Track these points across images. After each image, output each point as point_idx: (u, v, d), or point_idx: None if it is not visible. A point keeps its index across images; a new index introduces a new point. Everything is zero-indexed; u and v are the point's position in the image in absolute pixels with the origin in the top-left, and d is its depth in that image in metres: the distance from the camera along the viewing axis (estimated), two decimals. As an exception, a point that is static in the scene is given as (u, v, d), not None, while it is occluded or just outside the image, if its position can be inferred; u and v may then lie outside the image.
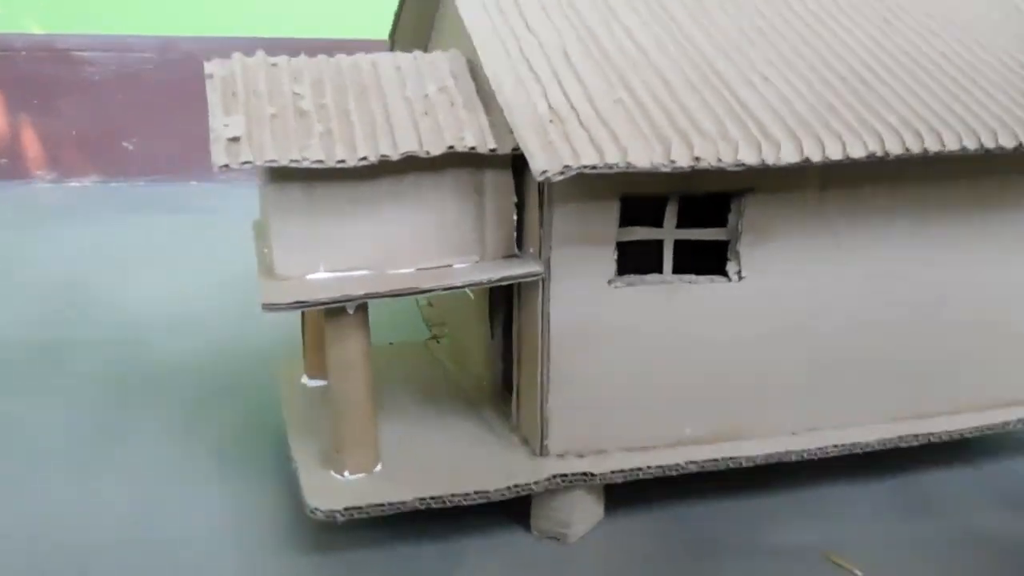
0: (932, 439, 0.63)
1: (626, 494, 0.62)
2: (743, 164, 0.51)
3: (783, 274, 0.59)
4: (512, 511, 0.61)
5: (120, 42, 1.90)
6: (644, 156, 0.50)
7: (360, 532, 0.60)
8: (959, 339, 0.64)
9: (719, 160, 0.51)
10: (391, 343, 0.81)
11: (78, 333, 0.96)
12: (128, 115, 1.90)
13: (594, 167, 0.49)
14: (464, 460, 0.60)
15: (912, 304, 0.62)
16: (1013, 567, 0.57)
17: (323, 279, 0.56)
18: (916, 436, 0.63)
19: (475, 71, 0.59)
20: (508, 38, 0.58)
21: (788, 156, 0.52)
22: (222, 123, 0.53)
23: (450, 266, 0.58)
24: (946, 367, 0.64)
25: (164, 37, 1.91)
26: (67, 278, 1.13)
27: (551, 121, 0.52)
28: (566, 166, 0.49)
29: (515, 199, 0.58)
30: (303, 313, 0.73)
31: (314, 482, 0.57)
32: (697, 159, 0.51)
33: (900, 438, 0.63)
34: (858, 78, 0.58)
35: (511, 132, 0.54)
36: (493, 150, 0.54)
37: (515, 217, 0.58)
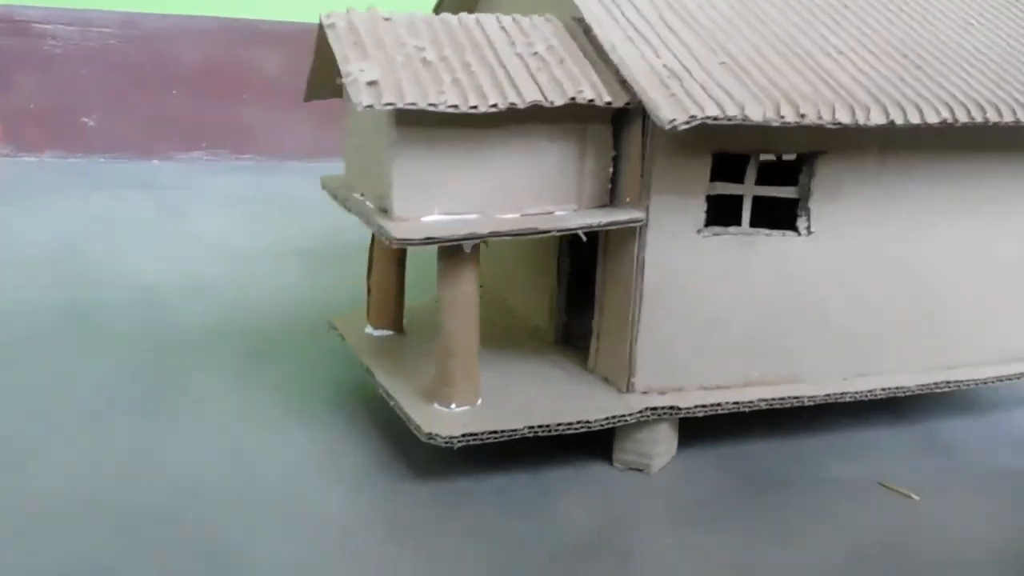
0: (961, 386, 0.70)
1: (696, 433, 0.67)
2: (839, 123, 0.57)
3: (846, 231, 0.65)
4: (593, 448, 0.65)
5: (81, 16, 1.86)
6: (758, 111, 0.55)
7: (456, 464, 0.63)
8: (987, 294, 0.71)
9: (819, 118, 0.56)
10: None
11: (98, 296, 0.95)
12: (89, 91, 1.86)
13: (715, 118, 0.54)
14: (557, 396, 0.63)
15: (952, 260, 0.69)
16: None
17: (440, 220, 0.59)
18: (948, 383, 0.70)
19: (574, 33, 0.63)
20: (609, 4, 0.63)
21: (876, 118, 0.58)
22: (358, 68, 0.55)
23: (551, 212, 0.62)
24: (975, 320, 0.71)
25: (127, 13, 1.87)
26: (64, 246, 1.12)
27: (669, 77, 0.56)
28: (692, 116, 0.54)
29: (613, 152, 0.62)
30: (370, 265, 0.76)
31: (423, 414, 0.60)
32: (803, 115, 0.56)
33: (935, 384, 0.70)
34: (917, 56, 0.65)
35: (623, 88, 0.58)
36: (609, 103, 0.58)
37: (611, 169, 0.63)
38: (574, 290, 0.73)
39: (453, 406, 0.61)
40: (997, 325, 0.72)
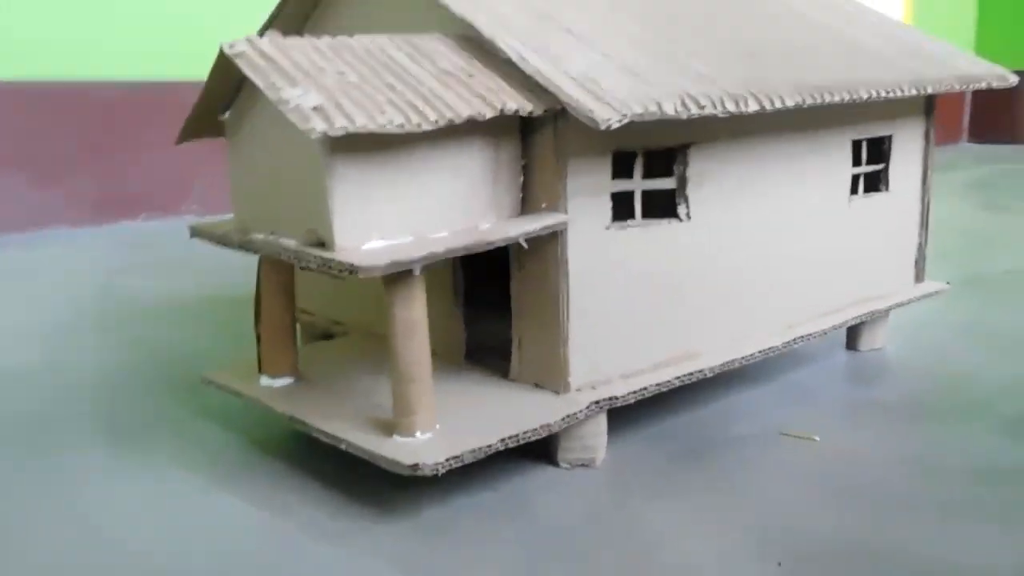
0: (827, 333, 0.80)
1: (616, 420, 0.71)
2: (729, 112, 0.63)
3: (714, 212, 0.72)
4: (529, 455, 0.66)
5: None
6: (670, 107, 0.60)
7: (408, 495, 0.62)
8: (828, 253, 0.82)
9: (715, 108, 0.62)
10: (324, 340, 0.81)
11: None
12: None
13: (640, 115, 0.58)
14: (503, 408, 0.64)
15: (796, 228, 0.79)
16: (886, 413, 0.75)
17: (382, 246, 0.58)
18: (803, 337, 0.80)
19: (468, 49, 0.64)
20: (495, 20, 0.65)
21: (753, 106, 0.65)
22: (296, 94, 0.53)
23: (476, 226, 0.62)
24: (819, 275, 0.82)
25: None
26: None
27: (587, 82, 0.59)
28: (623, 115, 0.57)
29: (523, 161, 0.64)
30: (258, 311, 0.71)
31: (390, 448, 0.58)
32: (702, 107, 0.62)
33: (795, 340, 0.79)
34: (760, 53, 0.73)
35: (536, 97, 0.61)
36: (530, 112, 0.60)
37: (522, 178, 0.65)
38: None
39: (417, 434, 0.59)
40: (834, 278, 0.83)
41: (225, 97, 0.63)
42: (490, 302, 0.74)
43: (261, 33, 0.79)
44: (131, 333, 1.04)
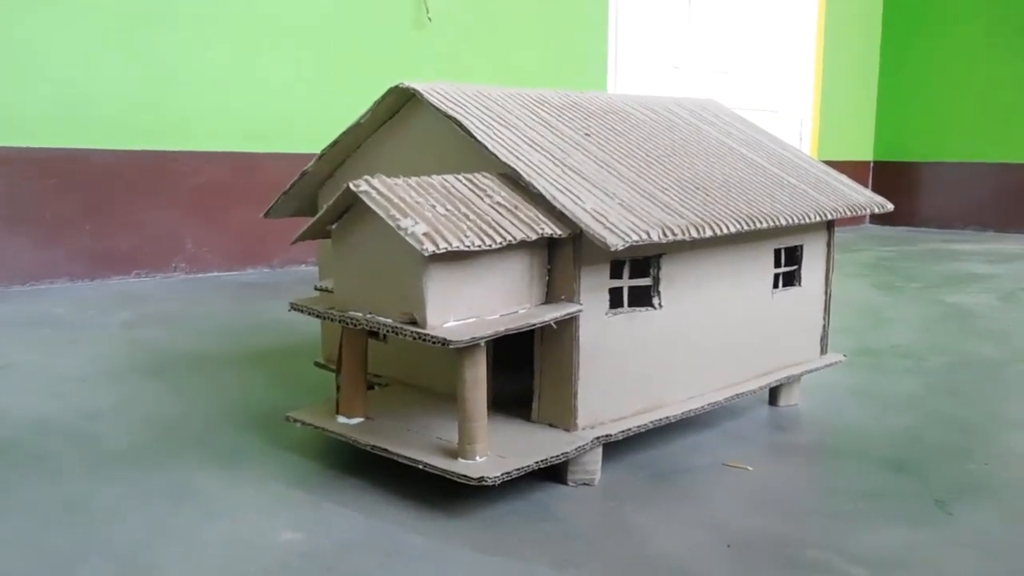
0: (745, 396, 1.08)
1: (608, 452, 0.96)
2: (694, 237, 0.90)
3: (680, 302, 0.99)
4: (544, 476, 0.91)
5: None
6: (656, 235, 0.87)
7: (470, 502, 0.85)
8: (757, 333, 1.09)
9: (684, 235, 0.89)
10: (374, 388, 1.05)
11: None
12: None
13: (637, 242, 0.85)
14: (532, 440, 0.89)
15: (735, 314, 1.06)
16: (799, 452, 1.02)
17: (458, 325, 0.82)
18: (738, 395, 1.07)
19: (508, 184, 0.90)
20: (527, 164, 0.91)
21: (708, 232, 0.92)
22: (411, 223, 0.78)
23: (516, 311, 0.88)
24: (751, 348, 1.09)
25: None
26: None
27: (599, 215, 0.86)
28: (625, 242, 0.84)
29: (548, 266, 0.90)
30: (339, 364, 0.95)
31: (460, 467, 0.82)
32: (675, 235, 0.89)
33: (734, 396, 1.06)
34: (705, 188, 1.01)
35: (563, 223, 0.87)
36: (559, 235, 0.86)
37: (547, 277, 0.91)
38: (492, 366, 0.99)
39: (477, 457, 0.83)
40: (762, 350, 1.11)
41: (336, 214, 0.88)
42: (500, 364, 1.00)
43: (320, 157, 1.04)
44: (179, 380, 1.25)
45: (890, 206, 1.16)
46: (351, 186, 0.81)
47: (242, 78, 2.39)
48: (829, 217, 1.07)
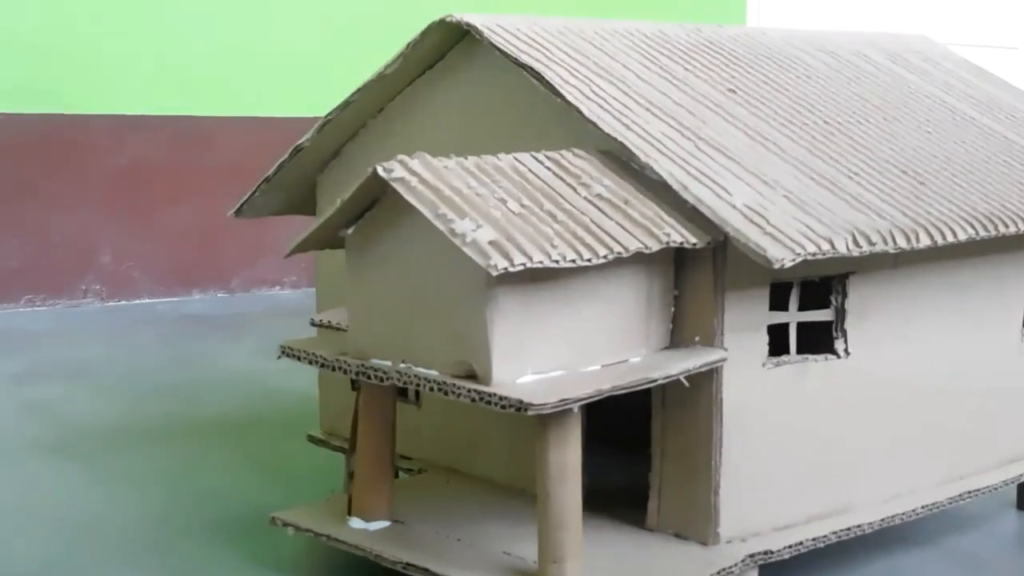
0: (997, 488, 1.08)
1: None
2: (900, 248, 0.92)
3: (878, 349, 1.01)
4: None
5: None
6: (842, 244, 0.89)
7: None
8: (999, 397, 1.10)
9: (885, 244, 0.91)
10: (402, 475, 1.08)
11: None
12: None
13: (813, 255, 0.87)
14: (654, 557, 0.91)
15: (965, 368, 1.08)
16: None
17: (535, 381, 0.85)
18: (969, 493, 1.08)
19: (613, 169, 0.93)
20: (644, 138, 0.94)
21: (924, 241, 0.94)
22: (471, 227, 0.81)
23: (626, 360, 0.90)
24: (987, 424, 1.10)
25: None
26: None
27: (753, 215, 0.88)
28: (797, 254, 0.86)
29: (675, 292, 0.93)
30: (353, 442, 0.99)
31: (543, 597, 0.85)
32: (873, 244, 0.90)
33: (959, 496, 1.07)
34: (913, 172, 1.03)
35: (699, 228, 0.89)
36: (694, 244, 0.89)
37: (673, 308, 0.93)
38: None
39: (567, 583, 0.86)
40: (1007, 425, 1.12)
41: (355, 213, 0.91)
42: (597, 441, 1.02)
43: (322, 126, 1.08)
44: (99, 463, 1.31)
45: None
46: (379, 170, 0.84)
47: (190, 4, 2.44)
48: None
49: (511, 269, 0.79)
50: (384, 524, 0.97)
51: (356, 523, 0.97)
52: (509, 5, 2.70)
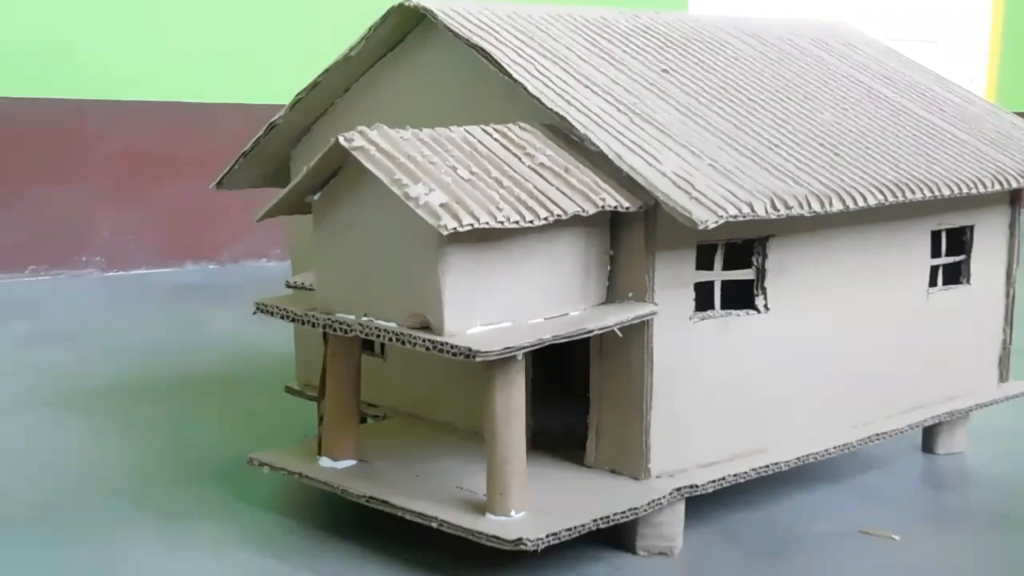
0: (903, 432, 1.11)
1: (691, 511, 1.00)
2: (815, 212, 0.94)
3: (796, 305, 1.04)
4: (600, 541, 0.95)
5: None
6: (761, 207, 0.91)
7: (490, 574, 0.90)
8: (905, 349, 1.13)
9: (801, 208, 0.93)
10: (370, 421, 1.11)
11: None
12: None
13: (734, 217, 0.89)
14: (590, 491, 0.93)
15: (874, 322, 1.10)
16: (964, 522, 1.05)
17: (485, 331, 0.87)
18: (879, 435, 1.10)
19: (556, 141, 0.95)
20: (584, 113, 0.96)
21: (837, 205, 0.96)
22: (423, 191, 0.83)
23: (566, 314, 0.93)
24: (899, 371, 1.13)
25: None
26: None
27: (680, 182, 0.90)
28: (719, 216, 0.88)
29: (611, 252, 0.95)
30: (322, 388, 1.00)
31: (490, 525, 0.87)
32: (789, 208, 0.93)
33: (870, 437, 1.09)
34: (830, 144, 1.05)
35: (631, 193, 0.91)
36: (627, 207, 0.91)
37: (609, 268, 0.95)
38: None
39: (512, 513, 0.88)
40: (912, 375, 1.14)
41: (320, 180, 0.93)
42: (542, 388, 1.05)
43: (293, 104, 1.10)
44: (98, 416, 1.33)
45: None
46: (341, 140, 0.86)
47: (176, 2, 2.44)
48: (1013, 185, 1.11)
49: (460, 229, 0.81)
50: (350, 463, 0.99)
51: (325, 462, 1.00)
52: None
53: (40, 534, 0.98)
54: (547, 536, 0.85)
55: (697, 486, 0.95)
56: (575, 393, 1.05)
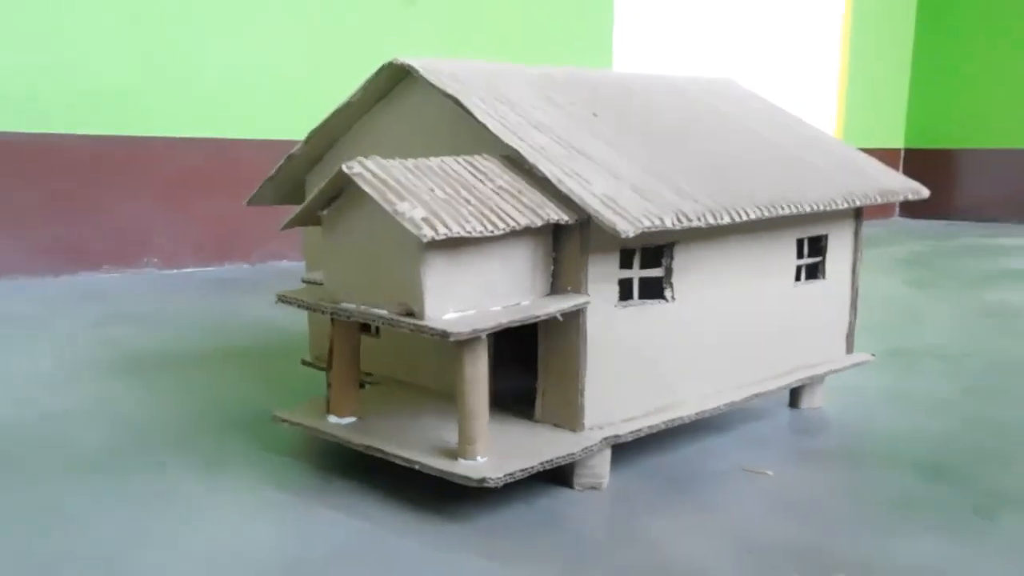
0: (776, 392, 1.10)
1: (616, 455, 0.98)
2: (710, 224, 0.92)
3: (695, 295, 1.01)
4: (545, 480, 0.93)
5: None
6: (669, 221, 0.89)
7: (468, 506, 0.87)
8: (777, 328, 1.11)
9: (699, 221, 0.91)
10: (367, 386, 1.07)
11: None
12: None
13: (649, 227, 0.87)
14: (536, 440, 0.91)
15: (754, 308, 1.08)
16: (823, 457, 1.04)
17: (457, 317, 0.84)
18: (758, 395, 1.09)
19: (511, 168, 0.92)
20: (531, 146, 0.93)
21: (725, 219, 0.94)
22: (408, 207, 0.80)
23: (519, 303, 0.90)
24: (772, 345, 1.11)
25: None
26: None
27: (608, 200, 0.88)
28: (637, 228, 0.86)
29: (554, 254, 0.92)
30: (330, 360, 0.97)
31: (461, 468, 0.84)
32: (690, 220, 0.91)
33: (753, 396, 1.08)
34: (719, 168, 1.03)
35: (571, 209, 0.89)
36: (566, 221, 0.88)
37: (552, 267, 0.93)
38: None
39: (478, 458, 0.85)
40: (782, 348, 1.13)
41: (328, 199, 0.90)
42: (501, 361, 1.02)
43: (307, 140, 1.06)
44: (154, 380, 1.28)
45: (925, 192, 1.18)
46: (344, 168, 0.83)
47: (218, 60, 2.42)
48: (858, 203, 1.09)
49: (437, 237, 0.78)
50: (352, 420, 0.96)
51: (332, 419, 0.96)
52: (441, 49, 2.70)
53: (108, 475, 0.94)
54: (505, 475, 0.82)
55: (620, 436, 0.93)
56: (527, 363, 1.02)
